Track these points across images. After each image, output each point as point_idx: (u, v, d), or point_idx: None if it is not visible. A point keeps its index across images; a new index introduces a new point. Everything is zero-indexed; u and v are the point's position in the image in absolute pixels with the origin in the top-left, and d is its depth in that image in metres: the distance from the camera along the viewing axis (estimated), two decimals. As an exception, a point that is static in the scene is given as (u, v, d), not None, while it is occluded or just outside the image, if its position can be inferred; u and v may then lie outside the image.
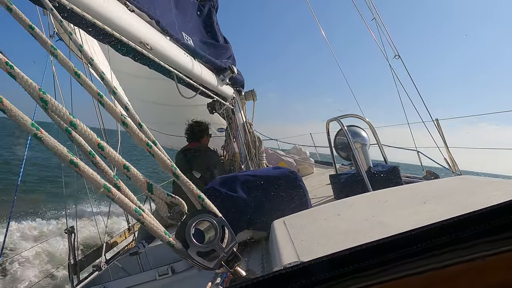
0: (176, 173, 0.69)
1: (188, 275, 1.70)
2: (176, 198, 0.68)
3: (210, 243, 0.63)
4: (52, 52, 0.72)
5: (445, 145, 3.18)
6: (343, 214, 1.23)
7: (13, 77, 0.55)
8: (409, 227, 0.38)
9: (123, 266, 2.07)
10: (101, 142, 0.61)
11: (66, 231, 3.65)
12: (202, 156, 3.44)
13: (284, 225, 1.25)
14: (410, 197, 1.31)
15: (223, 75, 3.27)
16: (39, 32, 0.74)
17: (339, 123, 2.63)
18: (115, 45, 1.91)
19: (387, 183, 2.33)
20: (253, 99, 4.11)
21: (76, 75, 0.71)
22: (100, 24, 1.56)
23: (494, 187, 1.17)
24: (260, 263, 1.54)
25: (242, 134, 3.75)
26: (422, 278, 0.36)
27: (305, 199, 1.92)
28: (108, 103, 0.70)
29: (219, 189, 1.85)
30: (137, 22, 1.91)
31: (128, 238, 5.01)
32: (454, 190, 1.29)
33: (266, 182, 1.91)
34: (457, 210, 1.00)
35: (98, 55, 4.18)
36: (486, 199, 1.05)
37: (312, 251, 0.94)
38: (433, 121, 3.32)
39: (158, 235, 0.61)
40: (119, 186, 0.61)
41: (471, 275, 0.36)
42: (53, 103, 0.57)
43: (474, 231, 0.36)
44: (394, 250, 0.37)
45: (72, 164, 0.54)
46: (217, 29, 3.57)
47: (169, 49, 2.27)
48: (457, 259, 0.36)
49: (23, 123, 0.52)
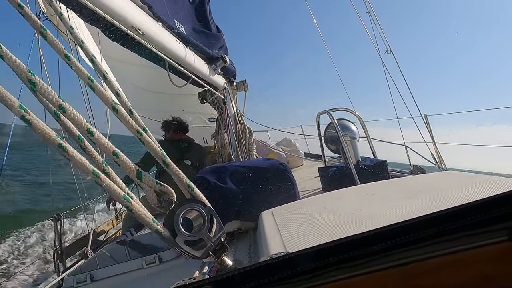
0: (166, 161, 0.69)
1: (176, 264, 1.70)
2: (165, 187, 0.67)
3: (198, 232, 0.63)
4: (42, 32, 0.70)
5: (432, 140, 3.23)
6: (331, 207, 1.25)
7: (0, 56, 0.54)
8: (395, 220, 0.39)
9: (110, 254, 2.06)
10: (90, 127, 0.60)
11: (53, 218, 3.62)
12: (193, 146, 3.64)
13: (272, 216, 1.26)
14: (397, 191, 1.33)
15: (215, 65, 3.24)
16: (29, 11, 0.71)
17: (329, 116, 2.64)
18: (106, 29, 1.87)
19: (375, 177, 2.36)
20: (245, 90, 4.09)
21: (66, 58, 0.69)
22: (92, 6, 1.52)
23: (478, 183, 1.20)
24: (248, 253, 1.55)
25: (233, 125, 3.73)
26: (405, 269, 0.37)
27: (294, 191, 1.93)
28: (98, 88, 0.69)
29: (208, 179, 1.85)
30: (129, 5, 1.87)
31: (116, 226, 4.99)
32: (439, 185, 1.31)
33: (255, 173, 1.92)
34: (441, 204, 1.03)
35: (90, 38, 4.09)
36: (469, 194, 1.08)
37: (299, 242, 0.95)
38: (421, 116, 3.36)
39: (146, 222, 0.61)
40: (108, 172, 0.60)
41: (452, 268, 0.37)
42: (41, 86, 0.56)
43: (456, 225, 0.37)
44: (378, 242, 0.38)
45: (60, 148, 0.53)
46: (209, 18, 3.52)
47: (161, 35, 2.23)
48: (439, 251, 0.37)
49: (11, 104, 0.50)
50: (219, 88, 3.59)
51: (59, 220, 3.61)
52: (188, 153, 3.53)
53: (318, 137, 2.92)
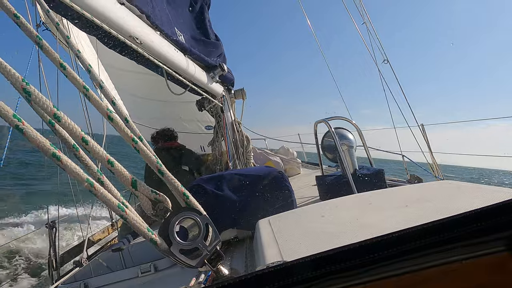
0: (161, 169, 0.68)
1: (171, 273, 1.69)
2: (161, 195, 0.67)
3: (193, 241, 0.63)
4: (38, 42, 0.70)
5: (429, 149, 3.24)
6: (328, 215, 1.25)
7: (-5, 66, 0.54)
8: (392, 230, 0.39)
9: (105, 262, 2.04)
10: (85, 136, 0.60)
11: (47, 226, 3.58)
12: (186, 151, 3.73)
13: (269, 224, 1.26)
14: (394, 200, 1.33)
15: (213, 73, 3.25)
16: (25, 21, 0.72)
17: (326, 124, 2.65)
18: (103, 38, 1.87)
19: (372, 185, 2.36)
20: (243, 97, 4.10)
21: (61, 67, 0.69)
22: (89, 15, 1.52)
23: (474, 192, 1.20)
24: (244, 262, 1.54)
25: (231, 133, 3.73)
26: (401, 279, 0.37)
27: (291, 200, 1.93)
28: (94, 97, 0.69)
29: (204, 186, 1.84)
30: (127, 15, 1.88)
31: (111, 234, 4.94)
32: (436, 194, 1.31)
33: (252, 181, 1.91)
34: (438, 214, 1.02)
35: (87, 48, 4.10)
36: (466, 204, 1.08)
37: (296, 251, 0.94)
38: (418, 126, 3.38)
39: (141, 231, 0.60)
40: (103, 181, 0.60)
41: (448, 278, 0.37)
42: (36, 95, 0.56)
43: (453, 235, 0.37)
44: (375, 252, 0.37)
45: (54, 157, 0.53)
46: (208, 26, 3.54)
47: (159, 44, 2.24)
48: (435, 261, 0.37)
49: (4, 114, 0.50)
50: (217, 96, 3.60)
51: (53, 228, 3.56)
52: (184, 159, 3.60)
53: (316, 146, 2.92)
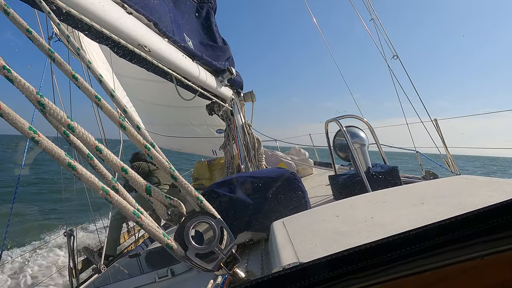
0: (174, 175, 0.69)
1: (188, 277, 1.70)
2: (175, 200, 0.68)
3: (208, 245, 0.63)
4: (50, 55, 0.72)
5: (444, 145, 3.18)
6: (342, 215, 1.23)
7: (11, 81, 0.55)
8: (408, 228, 0.38)
9: (123, 268, 2.06)
10: (99, 145, 0.61)
11: (65, 234, 3.65)
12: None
13: (284, 226, 1.25)
14: (409, 197, 1.31)
15: (221, 77, 3.27)
16: (37, 35, 0.74)
17: (337, 123, 2.63)
18: (113, 48, 1.91)
19: (386, 183, 2.33)
20: (252, 100, 4.11)
21: (73, 78, 0.71)
22: (98, 27, 1.55)
23: (492, 187, 1.17)
24: (260, 264, 1.54)
25: (241, 136, 3.74)
26: (420, 277, 0.36)
27: (305, 200, 1.92)
28: (105, 106, 0.70)
29: (217, 191, 1.85)
30: (135, 24, 1.91)
31: (128, 240, 5.00)
32: (452, 190, 1.29)
33: (265, 183, 1.91)
34: (455, 210, 1.00)
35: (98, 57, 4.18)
36: (484, 199, 1.05)
37: (312, 252, 0.94)
38: (432, 121, 3.32)
39: (157, 237, 0.61)
40: (118, 189, 0.61)
41: (469, 275, 0.36)
42: (50, 106, 0.57)
43: (472, 231, 0.36)
44: (392, 251, 0.37)
45: (70, 167, 0.54)
46: (215, 31, 3.57)
47: (167, 51, 2.27)
48: (455, 259, 0.36)
49: (21, 126, 0.52)
50: (227, 100, 3.62)
51: (71, 236, 3.63)
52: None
53: (327, 145, 2.90)
